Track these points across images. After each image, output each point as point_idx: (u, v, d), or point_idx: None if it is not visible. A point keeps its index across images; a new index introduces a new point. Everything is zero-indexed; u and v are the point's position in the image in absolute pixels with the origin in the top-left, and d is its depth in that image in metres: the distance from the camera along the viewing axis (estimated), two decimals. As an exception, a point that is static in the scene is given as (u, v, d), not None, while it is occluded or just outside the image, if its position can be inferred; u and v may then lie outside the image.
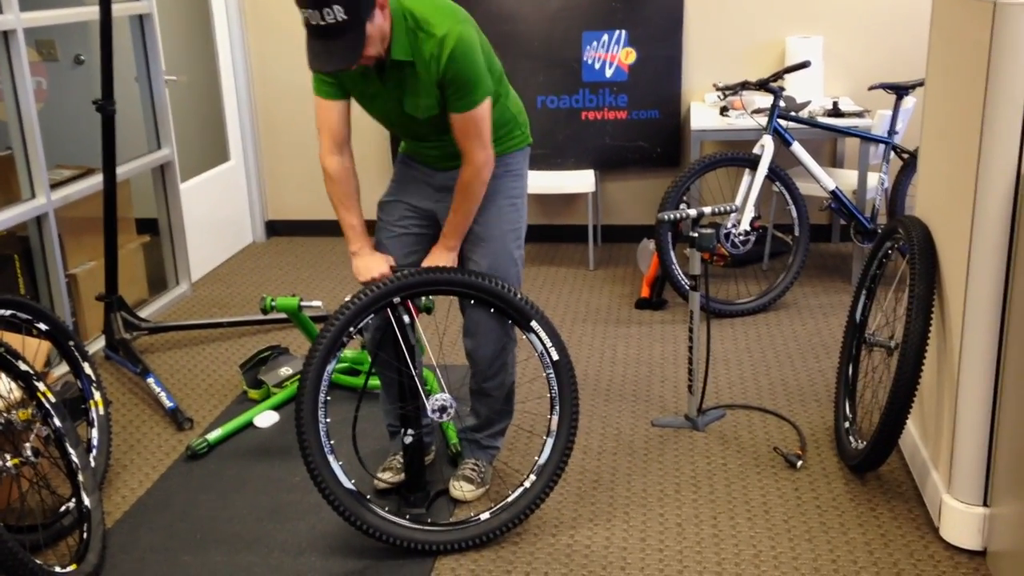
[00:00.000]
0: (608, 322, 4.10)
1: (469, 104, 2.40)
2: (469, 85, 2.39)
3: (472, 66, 2.38)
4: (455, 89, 2.38)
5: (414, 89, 2.42)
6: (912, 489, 2.76)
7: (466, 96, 2.39)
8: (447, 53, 2.33)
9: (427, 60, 2.35)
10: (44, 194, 3.58)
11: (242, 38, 5.12)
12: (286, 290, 4.59)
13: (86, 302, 3.92)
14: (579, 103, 4.89)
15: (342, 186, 2.57)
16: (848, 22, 4.68)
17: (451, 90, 2.39)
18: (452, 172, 2.60)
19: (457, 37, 2.33)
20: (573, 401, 2.58)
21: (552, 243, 5.19)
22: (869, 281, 3.00)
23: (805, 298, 4.26)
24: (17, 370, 2.59)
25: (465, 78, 2.37)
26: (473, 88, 2.39)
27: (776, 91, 4.02)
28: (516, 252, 2.68)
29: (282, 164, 5.36)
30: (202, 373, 3.74)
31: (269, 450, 3.11)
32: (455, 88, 2.38)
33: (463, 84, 2.38)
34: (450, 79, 2.37)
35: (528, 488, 2.59)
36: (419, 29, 2.34)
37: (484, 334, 2.65)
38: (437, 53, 2.34)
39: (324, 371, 2.43)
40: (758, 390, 3.42)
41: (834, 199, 4.19)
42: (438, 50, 2.33)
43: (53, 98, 5.01)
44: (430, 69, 2.36)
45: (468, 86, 2.38)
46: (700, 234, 3.04)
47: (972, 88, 2.33)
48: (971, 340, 2.38)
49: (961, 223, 2.40)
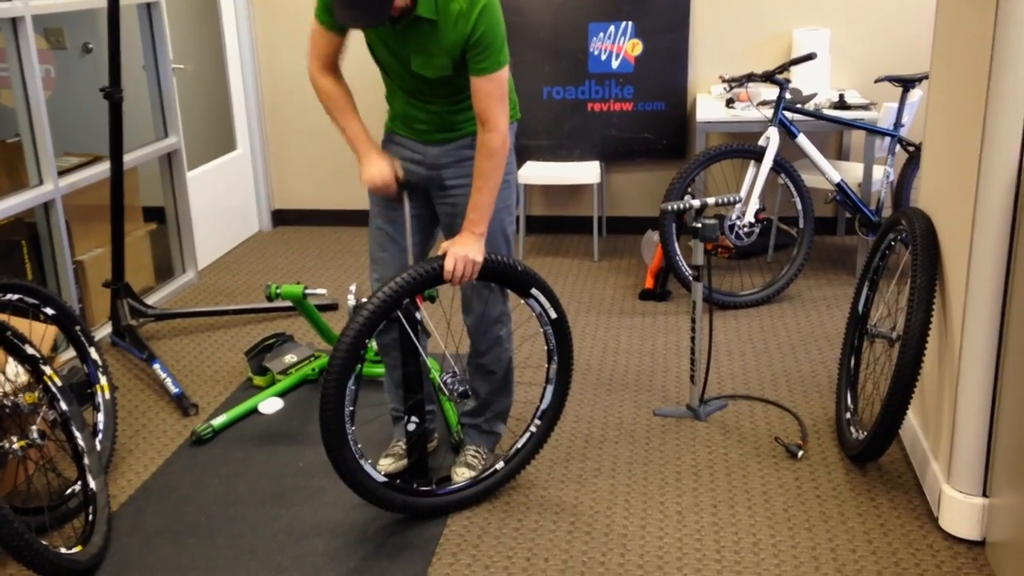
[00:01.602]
0: (612, 313, 4.11)
1: (495, 65, 2.39)
2: (495, 45, 2.39)
3: (499, 27, 2.39)
4: (481, 49, 2.37)
5: (429, 48, 2.41)
6: (912, 479, 2.77)
7: (491, 57, 2.39)
8: (477, 11, 2.33)
9: (454, 19, 2.35)
10: (52, 181, 3.61)
11: (249, 27, 5.13)
12: (291, 278, 4.61)
13: (93, 288, 3.95)
14: (585, 94, 4.89)
15: (336, 97, 2.56)
16: (855, 15, 4.67)
17: (477, 51, 2.38)
18: (444, 146, 2.59)
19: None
20: (568, 351, 2.75)
21: (557, 234, 5.20)
22: (872, 273, 3.00)
23: (809, 290, 4.27)
24: (24, 354, 2.62)
25: (491, 38, 2.37)
26: (499, 49, 2.40)
27: (782, 83, 4.02)
28: (509, 228, 2.70)
29: (289, 153, 5.38)
30: (207, 360, 3.77)
31: (273, 436, 3.14)
32: (481, 48, 2.37)
33: (489, 44, 2.37)
34: (477, 39, 2.36)
35: (534, 432, 2.79)
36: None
37: (482, 308, 2.68)
38: (467, 11, 2.33)
39: (346, 387, 2.41)
40: (760, 381, 3.43)
41: (839, 192, 4.19)
42: (468, 8, 2.33)
43: (61, 86, 5.03)
44: (457, 28, 2.35)
45: (494, 46, 2.38)
46: (703, 225, 3.05)
47: (975, 81, 2.34)
48: (972, 331, 2.38)
49: (963, 215, 2.40)
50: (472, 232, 2.48)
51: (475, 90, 2.42)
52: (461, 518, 2.67)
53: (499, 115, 2.43)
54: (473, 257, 2.46)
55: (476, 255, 2.47)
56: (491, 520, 2.66)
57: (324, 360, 3.56)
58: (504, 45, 2.41)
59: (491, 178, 2.47)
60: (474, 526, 2.63)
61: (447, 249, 2.48)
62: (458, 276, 2.46)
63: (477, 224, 2.48)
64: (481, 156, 2.46)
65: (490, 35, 2.37)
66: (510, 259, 2.59)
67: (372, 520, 2.66)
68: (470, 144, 2.56)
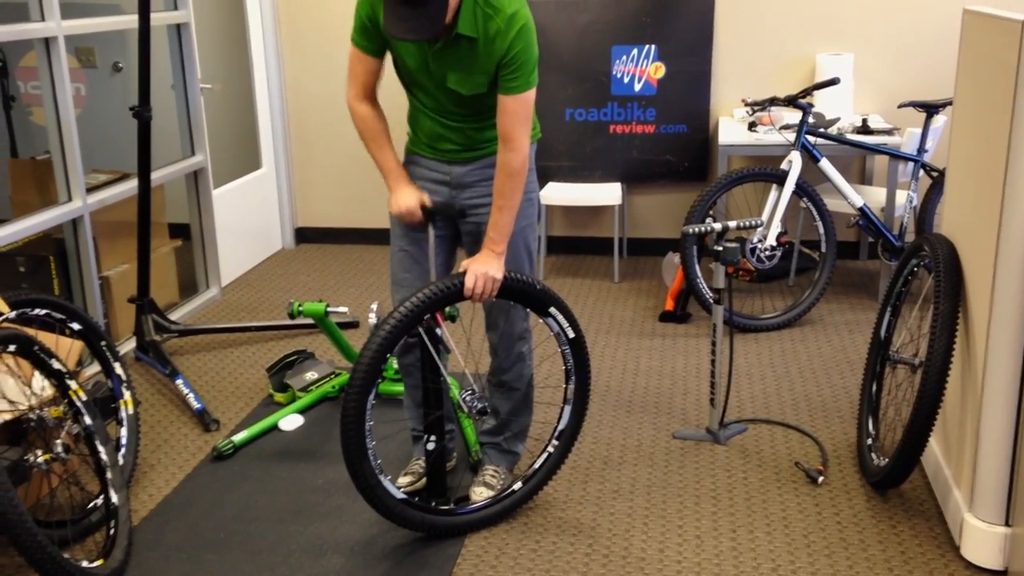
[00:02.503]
0: (632, 334, 4.11)
1: (524, 85, 2.43)
2: (528, 67, 2.42)
3: (533, 48, 2.43)
4: (514, 68, 2.41)
5: (467, 66, 2.44)
6: (934, 507, 2.74)
7: (522, 77, 2.42)
8: (515, 31, 2.37)
9: (491, 37, 2.38)
10: (80, 197, 3.66)
11: (276, 48, 5.20)
12: (313, 296, 4.64)
13: (118, 304, 3.99)
14: (607, 116, 4.92)
15: (373, 126, 2.60)
16: (878, 40, 4.67)
17: (510, 70, 2.41)
18: (471, 165, 2.62)
19: (525, 17, 2.40)
20: (587, 372, 2.76)
21: (578, 255, 5.21)
22: (894, 298, 2.99)
23: (831, 315, 4.25)
24: (50, 368, 2.65)
25: (525, 58, 2.41)
26: (531, 71, 2.43)
27: (805, 107, 4.03)
28: (532, 244, 2.73)
29: (312, 172, 5.43)
30: (229, 376, 3.80)
31: (293, 453, 3.16)
32: (514, 67, 2.41)
33: (522, 64, 2.41)
34: (512, 58, 2.39)
35: (552, 453, 2.79)
36: (488, 7, 2.38)
37: (505, 326, 2.71)
38: (505, 30, 2.37)
39: (367, 402, 2.43)
40: (781, 405, 3.41)
41: (862, 216, 4.18)
42: (506, 27, 2.37)
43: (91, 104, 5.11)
44: (493, 46, 2.39)
45: (527, 67, 2.42)
46: (724, 248, 3.05)
47: (1000, 106, 2.33)
48: (995, 359, 2.37)
49: (987, 241, 2.39)
50: (492, 250, 2.51)
51: (502, 108, 2.45)
52: (479, 538, 2.67)
53: (522, 135, 2.46)
54: (493, 274, 2.49)
55: (496, 272, 2.50)
56: (509, 541, 2.65)
57: (345, 378, 3.58)
58: (536, 67, 2.45)
59: (511, 197, 2.50)
60: (492, 546, 2.63)
61: (468, 266, 2.50)
62: (478, 293, 2.49)
63: (497, 243, 2.51)
64: (501, 175, 2.49)
65: (524, 55, 2.41)
66: (529, 278, 2.61)
67: (390, 539, 2.67)
68: (492, 164, 2.58)
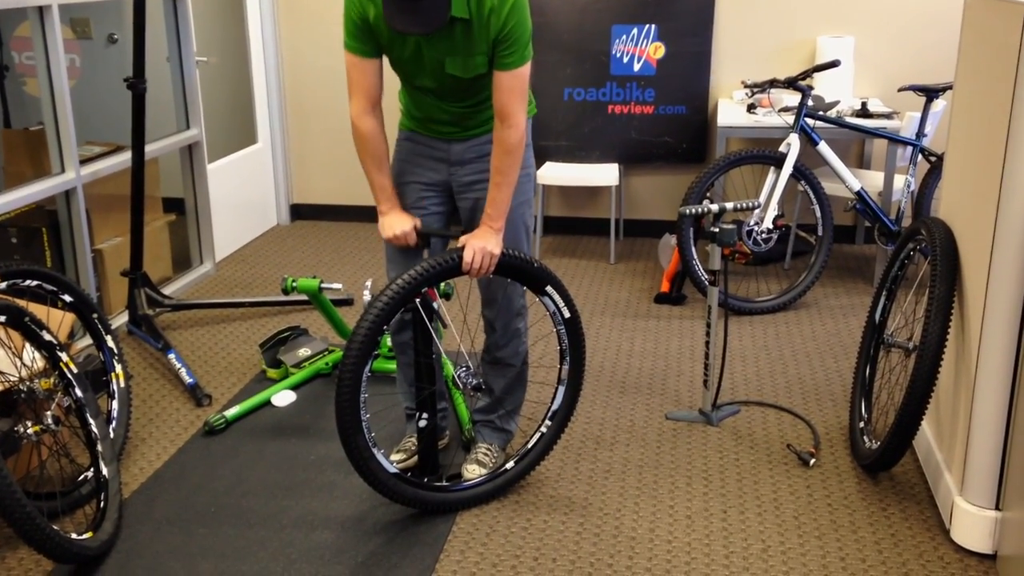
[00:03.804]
0: (627, 315, 4.10)
1: (520, 59, 2.41)
2: (523, 40, 2.41)
3: (527, 23, 2.41)
4: (509, 43, 2.39)
5: (464, 48, 2.42)
6: (925, 490, 2.75)
7: (518, 52, 2.40)
8: (508, 7, 2.35)
9: (486, 15, 2.36)
10: (74, 169, 3.63)
11: (273, 21, 5.16)
12: (308, 272, 4.63)
13: (111, 277, 3.98)
14: (606, 96, 4.89)
15: (374, 147, 2.56)
16: (880, 23, 4.64)
17: (505, 45, 2.39)
18: (470, 142, 2.60)
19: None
20: (581, 352, 2.75)
21: (574, 235, 5.19)
22: (890, 282, 2.98)
23: (826, 298, 4.24)
24: (41, 340, 2.64)
25: (519, 32, 2.39)
26: (525, 45, 2.41)
27: (804, 90, 4.00)
28: (529, 221, 2.72)
29: (309, 148, 5.40)
30: (222, 351, 3.79)
31: (285, 428, 3.15)
32: (510, 43, 2.39)
33: (517, 39, 2.39)
34: (507, 33, 2.38)
35: (545, 433, 2.79)
36: None
37: (503, 302, 2.70)
38: (498, 7, 2.35)
39: (362, 373, 2.42)
40: (774, 388, 3.41)
41: (859, 200, 4.16)
42: (499, 4, 2.35)
43: (85, 75, 5.07)
44: (489, 24, 2.37)
45: (521, 41, 2.40)
46: (721, 229, 3.04)
47: (1000, 91, 2.32)
48: (989, 344, 2.36)
49: (984, 226, 2.38)
50: (490, 226, 2.51)
51: (497, 85, 2.43)
52: (470, 515, 2.67)
53: (519, 111, 2.45)
54: (491, 250, 2.49)
55: (494, 248, 2.50)
56: (500, 518, 2.66)
57: (338, 355, 3.58)
58: (530, 42, 2.43)
59: (508, 174, 2.49)
60: (483, 523, 2.63)
61: (466, 242, 2.50)
62: (476, 268, 2.48)
63: (495, 219, 2.51)
64: (499, 152, 2.47)
65: (519, 30, 2.39)
66: (526, 255, 2.60)
67: (381, 515, 2.67)
68: (490, 140, 2.57)
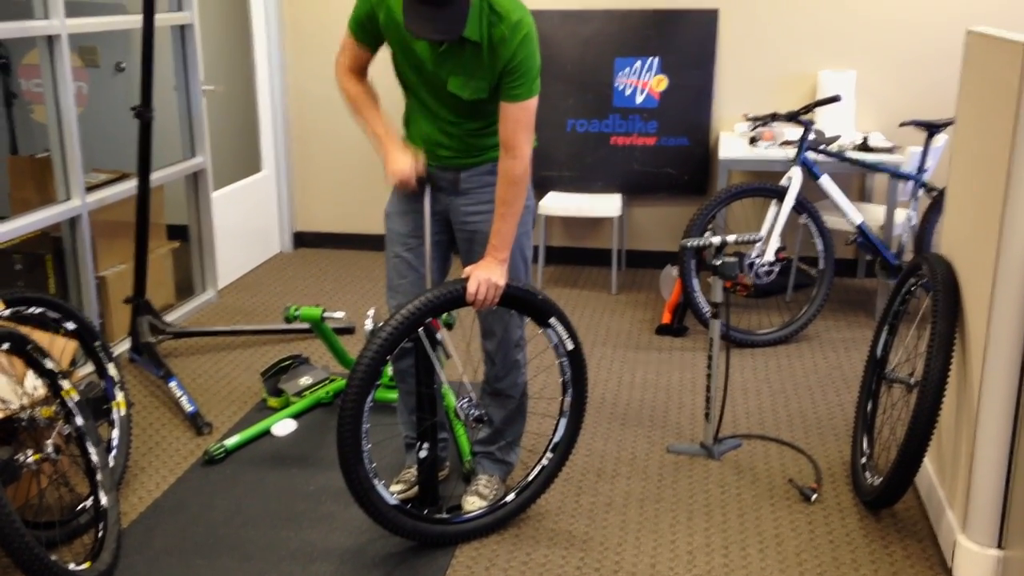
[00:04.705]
0: (628, 347, 4.10)
1: (527, 92, 2.44)
2: (531, 74, 2.43)
3: (536, 56, 2.44)
4: (517, 76, 2.41)
5: (469, 70, 2.44)
6: (927, 528, 2.74)
7: (525, 84, 2.43)
8: (519, 38, 2.38)
9: (495, 43, 2.39)
10: (79, 196, 3.65)
11: (280, 51, 5.20)
12: (310, 300, 4.63)
13: (114, 304, 3.98)
14: (609, 128, 4.92)
15: (360, 95, 2.62)
16: (881, 58, 4.68)
17: (513, 77, 2.42)
18: (467, 171, 2.62)
19: (528, 25, 2.40)
20: (583, 384, 2.75)
21: (576, 266, 5.20)
22: (891, 317, 2.99)
23: (827, 332, 4.24)
24: (43, 368, 2.64)
25: (528, 66, 2.42)
26: (533, 77, 2.44)
27: (806, 124, 4.03)
28: (528, 252, 2.73)
29: (312, 176, 5.43)
30: (223, 379, 3.78)
31: (285, 458, 3.14)
32: (517, 75, 2.41)
33: (525, 72, 2.42)
34: (515, 65, 2.40)
35: (546, 465, 2.78)
36: (492, 13, 2.38)
37: (502, 333, 2.71)
38: (509, 37, 2.38)
39: (365, 403, 2.42)
40: (776, 421, 3.40)
41: (860, 234, 4.17)
42: (510, 34, 2.38)
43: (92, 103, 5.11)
44: (497, 53, 2.40)
45: (530, 74, 2.43)
46: (723, 262, 3.05)
47: (1000, 128, 2.33)
48: (991, 380, 2.36)
49: (985, 263, 2.39)
50: (495, 257, 2.52)
51: (504, 116, 2.45)
52: (470, 548, 2.66)
53: (524, 143, 2.47)
54: (496, 281, 2.49)
55: (499, 279, 2.51)
56: (500, 552, 2.64)
57: (339, 383, 3.57)
58: (538, 75, 2.46)
59: (513, 204, 2.50)
60: (482, 557, 2.62)
61: (470, 273, 2.51)
62: (480, 299, 2.48)
63: (500, 250, 2.52)
64: (504, 183, 2.49)
65: (528, 63, 2.41)
66: (530, 287, 2.60)
67: (380, 547, 2.65)
68: (492, 170, 2.59)
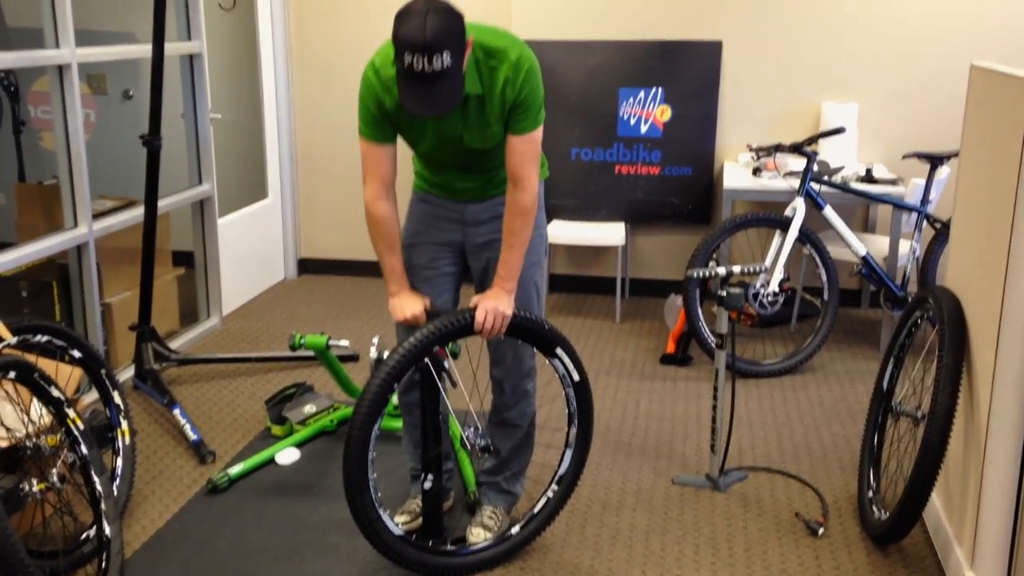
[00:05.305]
0: (632, 376, 4.09)
1: (533, 124, 2.45)
2: (536, 106, 2.45)
3: (540, 87, 2.46)
4: (524, 109, 2.43)
5: (480, 121, 2.45)
6: (935, 564, 2.72)
7: (531, 116, 2.44)
8: (523, 73, 2.40)
9: (500, 86, 2.40)
10: (86, 224, 3.66)
11: (287, 79, 5.24)
12: (314, 327, 4.63)
13: (119, 331, 3.98)
14: (613, 157, 4.94)
15: (387, 230, 2.59)
16: (883, 90, 4.71)
17: (520, 111, 2.43)
18: (485, 203, 2.63)
19: (529, 59, 2.42)
20: (589, 415, 2.75)
21: (580, 294, 5.21)
22: (898, 349, 2.98)
23: (832, 363, 4.24)
24: (49, 396, 2.64)
25: (533, 98, 2.43)
26: (539, 109, 2.46)
27: (810, 155, 4.05)
28: (540, 282, 2.74)
29: (318, 203, 5.45)
30: (227, 407, 3.78)
31: (289, 488, 3.13)
32: (524, 108, 2.43)
33: (531, 104, 2.43)
34: (522, 99, 2.42)
35: (551, 498, 2.76)
36: (490, 59, 2.39)
37: (513, 362, 2.70)
38: (513, 76, 2.39)
39: (372, 431, 2.42)
40: (781, 453, 3.39)
41: (865, 265, 4.18)
42: (513, 73, 2.39)
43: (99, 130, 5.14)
44: (504, 95, 2.41)
45: (535, 106, 2.44)
46: (728, 293, 3.05)
47: (1006, 162, 2.34)
48: (999, 414, 2.36)
49: (992, 296, 2.39)
50: (502, 287, 2.53)
51: (510, 149, 2.47)
52: (474, 581, 2.64)
53: (531, 174, 2.48)
54: (503, 311, 2.50)
55: (506, 309, 2.51)
56: (505, 585, 2.63)
57: (343, 412, 3.57)
58: (543, 106, 2.47)
59: (521, 235, 2.51)
60: (487, 590, 2.60)
61: (478, 302, 2.51)
62: (488, 328, 2.49)
63: (507, 280, 2.53)
64: (512, 215, 2.50)
65: (532, 96, 2.43)
66: (538, 317, 2.60)
67: (385, 579, 2.64)
68: (504, 201, 2.60)
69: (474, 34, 2.37)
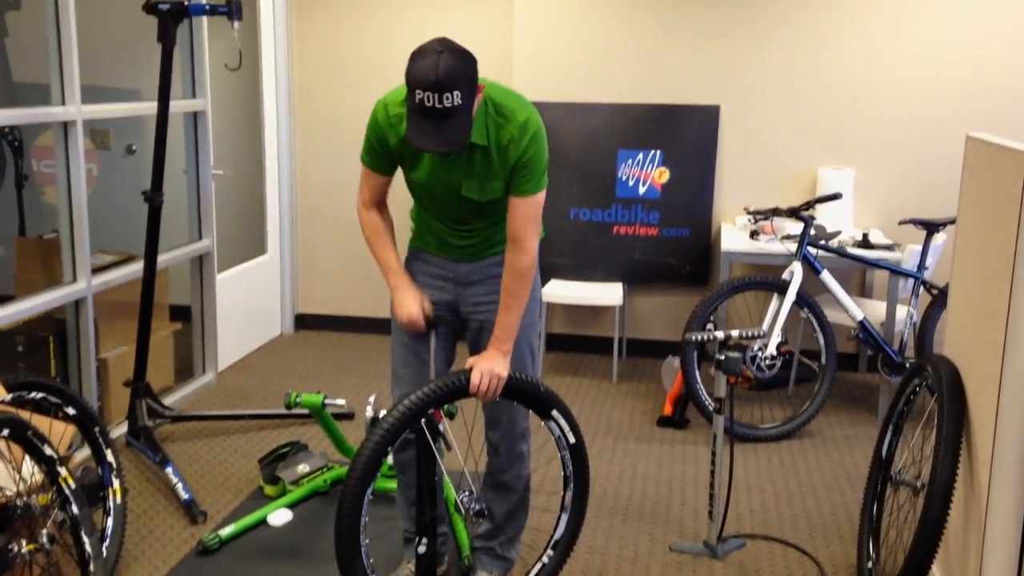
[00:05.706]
0: (629, 438, 4.06)
1: (536, 187, 2.48)
2: (540, 169, 2.47)
3: (544, 151, 2.49)
4: (527, 172, 2.45)
5: (482, 173, 2.48)
6: (936, 637, 2.67)
7: (534, 179, 2.47)
8: (528, 138, 2.43)
9: (504, 145, 2.43)
10: (85, 278, 3.67)
11: (290, 137, 5.29)
12: (310, 383, 4.61)
13: (113, 386, 3.96)
14: (611, 217, 4.97)
15: (378, 228, 2.65)
16: (878, 157, 4.76)
17: (522, 173, 2.45)
18: (478, 263, 2.64)
19: (536, 123, 2.46)
20: (585, 479, 2.72)
21: (577, 353, 5.20)
22: (896, 417, 2.97)
23: (830, 428, 4.21)
24: (42, 454, 2.61)
25: (537, 162, 2.46)
26: (541, 173, 2.48)
27: (807, 219, 4.08)
28: (535, 341, 2.74)
29: (316, 258, 5.47)
30: (220, 465, 3.74)
31: (280, 550, 3.08)
32: (528, 171, 2.45)
33: (535, 167, 2.46)
34: (525, 162, 2.44)
35: (546, 564, 2.73)
36: (499, 116, 2.43)
37: (508, 425, 2.69)
38: (518, 137, 2.42)
39: (365, 495, 2.39)
40: (779, 520, 3.36)
41: (862, 329, 4.19)
42: (519, 134, 2.42)
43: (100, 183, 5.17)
44: (507, 153, 2.44)
45: (539, 170, 2.47)
46: (727, 357, 3.04)
47: (1003, 231, 2.36)
48: (999, 484, 2.34)
49: (991, 365, 2.39)
50: (499, 349, 2.52)
51: (512, 210, 2.49)
52: (468, 650, 2.59)
53: (532, 236, 2.50)
54: (499, 372, 2.49)
55: (502, 371, 2.50)
56: (499, 654, 2.57)
57: (337, 472, 3.53)
58: (546, 170, 2.50)
59: (519, 297, 2.52)
60: (481, 660, 2.55)
61: (474, 364, 2.50)
62: (483, 390, 2.48)
63: (504, 341, 2.52)
64: (510, 276, 2.51)
65: (536, 160, 2.46)
66: (533, 379, 2.60)
67: (376, 647, 2.58)
68: (499, 262, 2.61)
69: (488, 89, 2.42)
